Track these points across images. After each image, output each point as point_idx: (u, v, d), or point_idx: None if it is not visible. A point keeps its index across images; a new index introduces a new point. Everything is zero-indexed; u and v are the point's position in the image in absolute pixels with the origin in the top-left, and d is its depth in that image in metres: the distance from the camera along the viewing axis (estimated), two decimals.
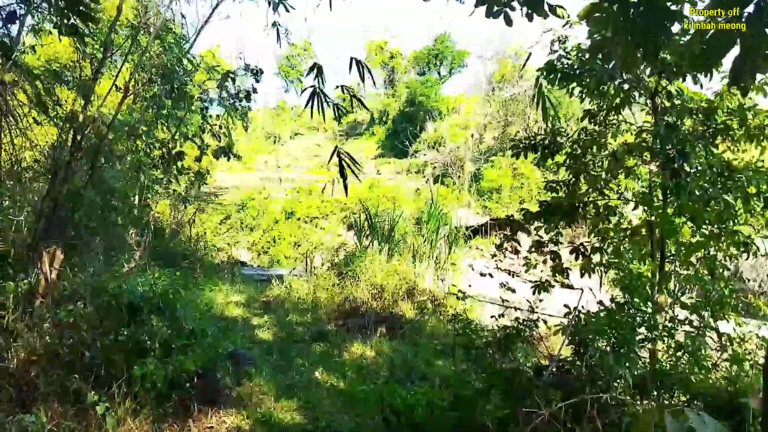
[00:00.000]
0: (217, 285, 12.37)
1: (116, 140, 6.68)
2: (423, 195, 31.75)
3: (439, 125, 39.05)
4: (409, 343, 9.98)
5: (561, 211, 7.10)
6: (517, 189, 30.43)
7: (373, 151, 43.61)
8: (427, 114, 39.95)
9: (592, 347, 4.49)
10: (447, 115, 40.70)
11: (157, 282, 9.08)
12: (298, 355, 8.60)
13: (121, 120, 7.25)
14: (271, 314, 10.72)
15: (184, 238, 14.07)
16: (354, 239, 28.31)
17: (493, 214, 30.01)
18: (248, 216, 28.30)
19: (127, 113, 8.56)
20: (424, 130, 39.44)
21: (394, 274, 11.51)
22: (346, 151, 4.39)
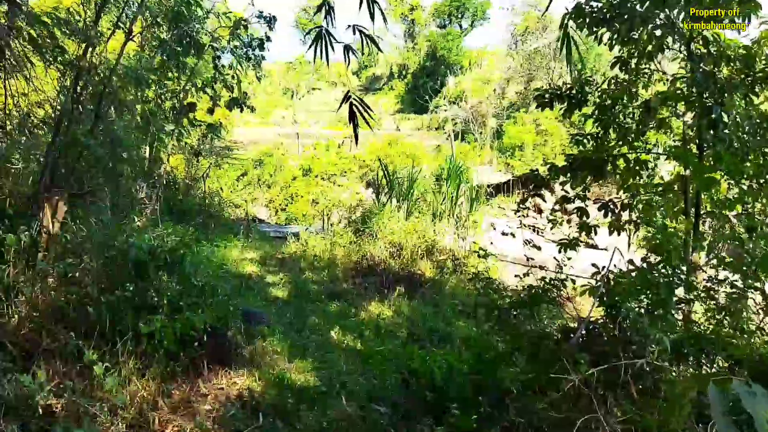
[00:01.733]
0: (232, 242, 12.21)
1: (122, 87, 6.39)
2: (443, 152, 31.27)
3: (460, 80, 38.23)
4: (428, 302, 9.79)
5: (589, 165, 6.71)
6: (540, 146, 29.85)
7: (392, 106, 43.01)
8: (448, 68, 39.11)
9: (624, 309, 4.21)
10: (468, 70, 39.81)
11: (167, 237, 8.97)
12: (314, 314, 8.44)
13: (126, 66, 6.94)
14: (287, 272, 10.56)
15: (198, 193, 13.87)
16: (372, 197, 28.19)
17: (515, 171, 29.51)
18: (265, 172, 28.06)
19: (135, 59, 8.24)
20: (445, 85, 38.67)
21: (413, 231, 11.25)
22: (359, 97, 4.04)
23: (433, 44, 40.65)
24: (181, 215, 12.32)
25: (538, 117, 30.53)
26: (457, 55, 40.08)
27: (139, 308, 5.33)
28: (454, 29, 44.57)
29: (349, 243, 11.42)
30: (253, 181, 27.75)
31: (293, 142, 32.06)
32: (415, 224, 11.51)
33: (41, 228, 5.18)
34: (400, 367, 6.75)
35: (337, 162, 29.11)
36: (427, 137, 34.30)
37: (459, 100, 35.45)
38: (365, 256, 10.94)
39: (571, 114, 6.90)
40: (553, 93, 6.84)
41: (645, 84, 6.60)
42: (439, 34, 42.47)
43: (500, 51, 38.59)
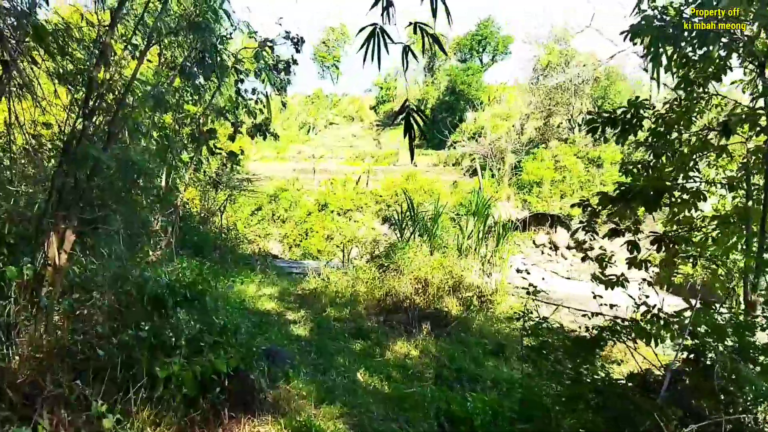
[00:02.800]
0: (249, 277, 11.79)
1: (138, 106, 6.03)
2: (460, 188, 30.93)
3: (479, 115, 38.13)
4: (456, 341, 9.27)
5: (642, 195, 6.22)
6: (558, 183, 29.42)
7: None
8: (468, 103, 39.05)
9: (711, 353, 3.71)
10: (488, 105, 39.74)
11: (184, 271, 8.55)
12: (338, 354, 7.94)
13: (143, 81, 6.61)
14: (307, 308, 10.09)
15: (214, 226, 13.50)
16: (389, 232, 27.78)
17: (532, 208, 29.08)
18: (280, 207, 27.81)
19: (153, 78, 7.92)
20: (464, 120, 38.56)
21: (440, 267, 10.78)
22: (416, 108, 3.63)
23: (453, 78, 40.62)
24: (197, 249, 11.94)
25: (557, 153, 30.24)
26: (477, 90, 40.06)
27: (155, 349, 4.89)
28: (475, 64, 44.68)
29: (372, 279, 10.96)
30: (267, 216, 27.48)
31: (309, 177, 31.88)
32: (441, 259, 11.03)
33: (46, 259, 4.76)
34: (434, 411, 6.26)
35: (354, 197, 28.82)
36: (444, 173, 34.03)
37: (478, 135, 35.24)
38: (389, 292, 10.46)
39: (625, 140, 6.47)
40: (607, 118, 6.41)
41: (701, 109, 6.22)
42: (460, 68, 42.51)
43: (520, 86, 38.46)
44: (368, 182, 31.25)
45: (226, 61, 9.49)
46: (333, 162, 36.76)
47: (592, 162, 29.39)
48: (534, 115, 34.52)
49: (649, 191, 6.20)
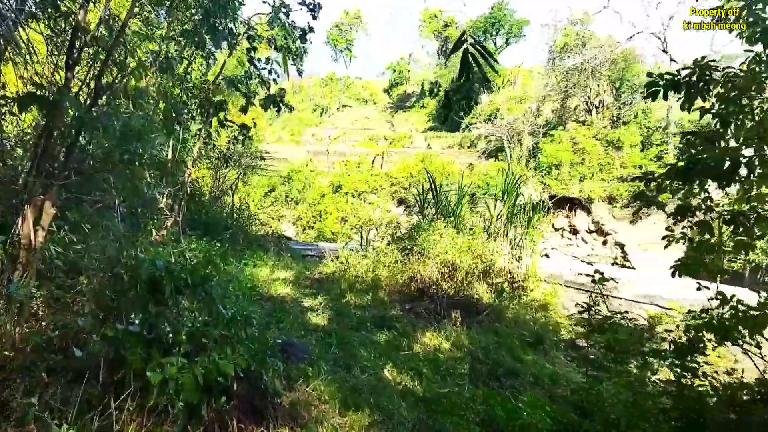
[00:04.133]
0: (262, 259, 10.82)
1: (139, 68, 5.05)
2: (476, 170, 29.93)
3: (494, 98, 36.96)
4: (488, 331, 8.31)
5: (713, 168, 5.14)
6: (577, 165, 28.33)
7: (423, 124, 41.84)
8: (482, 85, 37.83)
9: None
10: (502, 88, 38.53)
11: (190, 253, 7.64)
12: (361, 346, 6.98)
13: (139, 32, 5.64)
14: (325, 294, 9.12)
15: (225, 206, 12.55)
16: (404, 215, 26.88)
17: (551, 190, 28.02)
18: (294, 189, 26.91)
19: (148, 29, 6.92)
20: (478, 102, 37.41)
21: (468, 250, 9.78)
22: None
23: None
24: (207, 229, 11.00)
25: (576, 135, 29.16)
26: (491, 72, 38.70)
27: (150, 346, 3.96)
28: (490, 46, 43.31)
29: (395, 262, 9.99)
30: (280, 198, 26.61)
31: (323, 159, 30.93)
32: (469, 242, 10.03)
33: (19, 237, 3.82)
34: (476, 415, 5.34)
35: (368, 179, 27.84)
36: (459, 155, 32.99)
37: (493, 118, 34.16)
38: (413, 277, 9.49)
39: (691, 104, 5.40)
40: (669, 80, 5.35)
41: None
42: None
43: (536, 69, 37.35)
44: (383, 164, 30.27)
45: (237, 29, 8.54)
46: (347, 144, 35.77)
47: (611, 144, 28.29)
48: (550, 97, 33.39)
49: (723, 163, 5.11)
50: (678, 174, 5.33)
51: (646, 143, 27.52)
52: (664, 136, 26.96)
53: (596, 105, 31.24)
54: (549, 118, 32.77)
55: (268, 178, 25.84)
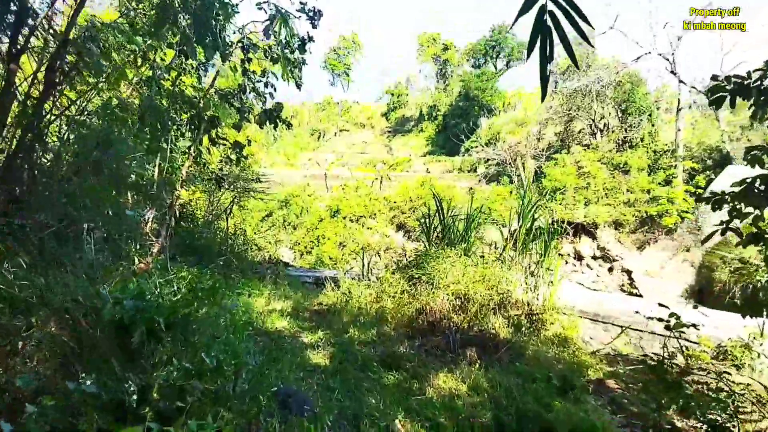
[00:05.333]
0: (258, 288, 9.95)
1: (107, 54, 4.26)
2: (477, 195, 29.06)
3: (493, 121, 36.38)
4: (509, 372, 7.41)
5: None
6: (582, 189, 27.53)
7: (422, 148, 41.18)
8: (482, 109, 37.27)
9: None
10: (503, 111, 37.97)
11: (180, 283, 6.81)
12: (368, 392, 6.10)
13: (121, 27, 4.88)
14: (326, 328, 8.24)
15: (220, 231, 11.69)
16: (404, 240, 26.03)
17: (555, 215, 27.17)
18: (291, 214, 26.08)
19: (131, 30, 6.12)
20: (478, 126, 36.82)
21: (482, 281, 8.93)
22: None
23: (467, 84, 38.82)
24: (199, 255, 10.16)
25: (580, 159, 28.41)
26: (491, 95, 38.23)
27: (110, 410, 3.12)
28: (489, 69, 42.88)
29: (401, 293, 9.13)
30: (277, 222, 25.78)
31: (320, 183, 30.16)
32: (483, 271, 9.18)
33: None
34: None
35: (367, 203, 27.02)
36: (459, 179, 32.24)
37: (493, 141, 33.49)
38: (422, 309, 8.62)
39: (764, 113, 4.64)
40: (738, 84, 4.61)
41: None
42: (473, 74, 40.72)
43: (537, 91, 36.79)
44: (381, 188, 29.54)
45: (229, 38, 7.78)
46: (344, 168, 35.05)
47: (617, 168, 27.51)
48: (553, 120, 32.70)
49: None
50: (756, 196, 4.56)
51: (653, 167, 26.76)
52: (673, 159, 26.21)
53: (601, 128, 30.54)
54: (552, 142, 32.06)
55: (266, 203, 25.02)
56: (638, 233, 25.15)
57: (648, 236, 24.54)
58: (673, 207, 22.83)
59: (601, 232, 26.30)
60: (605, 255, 26.36)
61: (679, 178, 24.75)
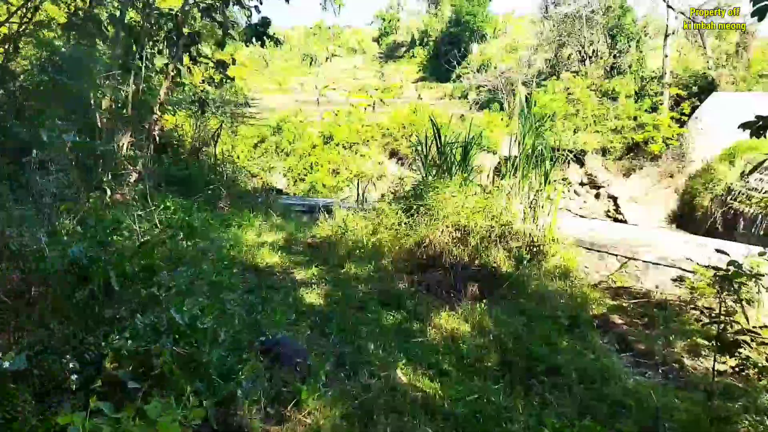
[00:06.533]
0: (248, 219, 9.08)
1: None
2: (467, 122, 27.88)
3: (485, 47, 34.77)
4: (513, 310, 6.71)
5: None
6: (571, 116, 26.49)
7: (413, 74, 39.58)
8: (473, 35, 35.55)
9: None
10: (494, 37, 36.27)
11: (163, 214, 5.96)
12: (368, 336, 5.37)
13: None
14: (320, 263, 7.45)
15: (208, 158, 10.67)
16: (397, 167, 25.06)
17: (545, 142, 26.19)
18: (284, 140, 24.89)
19: None
20: (470, 52, 35.21)
21: (483, 211, 8.12)
22: None
23: (458, 9, 36.84)
24: (186, 186, 9.25)
25: (570, 85, 27.24)
26: (482, 21, 36.39)
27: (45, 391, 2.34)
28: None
29: (398, 224, 8.33)
30: (270, 149, 24.64)
31: (313, 108, 28.81)
32: (483, 201, 8.35)
33: None
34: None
35: (359, 130, 25.81)
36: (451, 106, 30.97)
37: (484, 67, 32.06)
38: (421, 242, 7.83)
39: None
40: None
41: None
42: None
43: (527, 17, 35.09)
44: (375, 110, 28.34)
45: None
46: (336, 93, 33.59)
47: (606, 95, 26.42)
48: (543, 46, 31.24)
49: None
50: None
51: (640, 94, 25.72)
52: (660, 86, 25.12)
53: (590, 54, 29.22)
54: (542, 69, 30.72)
55: (257, 129, 23.82)
56: (624, 160, 24.53)
57: (634, 163, 23.95)
58: (659, 134, 22.07)
59: (589, 159, 25.52)
60: (592, 182, 25.69)
61: (665, 104, 23.90)
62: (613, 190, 24.57)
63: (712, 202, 19.36)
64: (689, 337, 6.91)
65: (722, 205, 18.74)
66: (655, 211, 22.55)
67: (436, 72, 36.67)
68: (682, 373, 6.05)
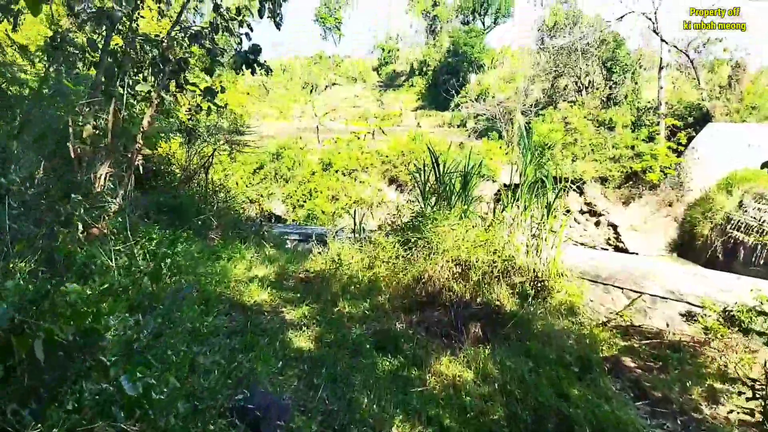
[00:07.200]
0: (239, 251, 8.47)
1: None
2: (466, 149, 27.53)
3: (482, 77, 34.61)
4: (519, 352, 6.09)
5: None
6: (569, 145, 26.13)
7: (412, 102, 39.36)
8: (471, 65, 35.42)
9: None
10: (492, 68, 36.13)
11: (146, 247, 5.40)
12: (361, 387, 4.75)
13: None
14: (312, 300, 6.81)
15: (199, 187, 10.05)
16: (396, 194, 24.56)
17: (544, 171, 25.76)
18: (283, 166, 24.46)
19: None
20: (468, 82, 35.02)
21: (484, 245, 7.53)
22: None
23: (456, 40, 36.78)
24: (176, 216, 8.67)
25: (567, 115, 26.95)
26: (479, 52, 36.27)
27: None
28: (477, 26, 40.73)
29: (396, 258, 7.75)
30: (269, 175, 24.19)
31: (313, 136, 28.41)
32: (484, 234, 7.77)
33: None
34: None
35: (359, 157, 25.39)
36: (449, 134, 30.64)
37: (483, 97, 31.83)
38: (419, 278, 7.24)
39: None
40: None
41: None
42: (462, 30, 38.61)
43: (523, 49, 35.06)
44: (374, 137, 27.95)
45: None
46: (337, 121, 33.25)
47: (603, 125, 26.15)
48: (540, 77, 31.07)
49: None
50: None
51: (637, 124, 25.48)
52: (656, 116, 24.85)
53: (586, 85, 29.04)
54: (539, 98, 30.50)
55: (257, 155, 23.40)
56: (623, 188, 24.23)
57: (633, 191, 23.70)
58: (657, 163, 21.79)
59: (588, 188, 25.12)
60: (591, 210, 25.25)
61: (661, 134, 23.70)
62: (612, 218, 24.18)
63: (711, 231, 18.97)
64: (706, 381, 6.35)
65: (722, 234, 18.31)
66: (654, 240, 22.14)
67: (435, 100, 36.48)
68: (702, 423, 5.50)
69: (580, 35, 28.57)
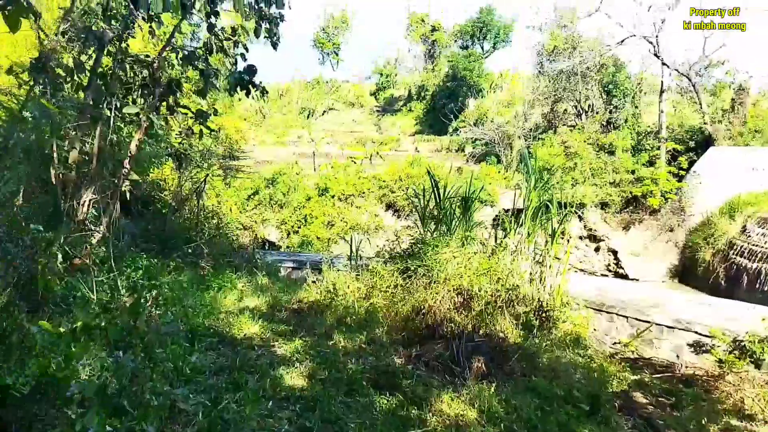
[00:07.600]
0: (229, 281, 8.18)
1: None
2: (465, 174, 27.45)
3: (481, 102, 34.68)
4: (525, 389, 5.80)
5: None
6: (569, 170, 26.01)
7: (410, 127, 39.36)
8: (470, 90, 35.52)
9: None
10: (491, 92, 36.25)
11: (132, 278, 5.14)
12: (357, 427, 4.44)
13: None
14: (305, 334, 6.49)
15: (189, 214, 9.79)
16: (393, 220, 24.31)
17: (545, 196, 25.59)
18: (278, 192, 24.22)
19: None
20: (466, 106, 35.08)
21: (487, 273, 7.27)
22: None
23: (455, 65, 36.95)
24: (166, 244, 8.41)
25: (567, 139, 26.88)
26: (478, 76, 36.39)
27: None
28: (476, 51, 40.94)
29: (394, 287, 7.48)
30: (264, 201, 23.93)
31: (309, 161, 28.26)
32: (487, 262, 7.52)
33: None
34: None
35: (356, 182, 25.20)
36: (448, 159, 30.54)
37: (481, 121, 31.82)
38: (419, 308, 6.96)
39: None
40: None
41: None
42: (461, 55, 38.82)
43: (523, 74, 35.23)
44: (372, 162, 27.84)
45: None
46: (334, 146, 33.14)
47: (603, 149, 26.07)
48: (539, 101, 31.06)
49: None
50: None
51: (637, 148, 25.42)
52: (656, 141, 24.80)
53: (586, 109, 29.02)
54: (538, 123, 30.47)
55: (252, 181, 23.18)
56: (623, 213, 24.06)
57: (633, 216, 23.52)
58: (657, 187, 21.64)
59: (588, 213, 24.96)
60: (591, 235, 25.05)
61: (662, 159, 23.61)
62: (612, 243, 23.98)
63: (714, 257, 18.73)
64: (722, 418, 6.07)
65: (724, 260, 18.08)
66: (655, 265, 21.91)
67: (433, 125, 36.51)
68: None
69: (579, 59, 28.61)
